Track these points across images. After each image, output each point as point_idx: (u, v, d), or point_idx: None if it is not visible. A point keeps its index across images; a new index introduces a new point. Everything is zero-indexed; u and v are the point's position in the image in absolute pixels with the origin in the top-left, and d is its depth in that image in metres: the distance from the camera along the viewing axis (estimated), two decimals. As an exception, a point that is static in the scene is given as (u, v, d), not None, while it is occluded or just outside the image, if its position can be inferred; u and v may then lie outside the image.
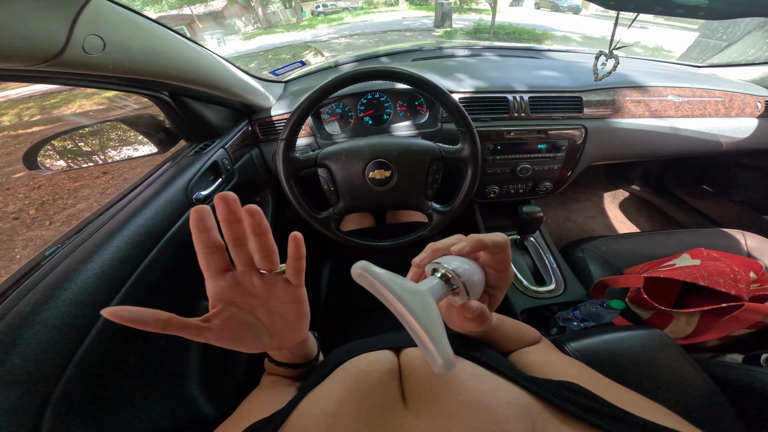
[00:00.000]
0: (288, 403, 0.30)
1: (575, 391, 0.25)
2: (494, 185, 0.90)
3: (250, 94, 0.77)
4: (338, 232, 0.66)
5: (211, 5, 21.06)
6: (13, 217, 2.48)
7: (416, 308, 0.20)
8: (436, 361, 0.19)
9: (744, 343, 0.70)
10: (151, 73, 0.49)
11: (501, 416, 0.24)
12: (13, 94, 6.35)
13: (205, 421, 0.53)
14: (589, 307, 0.69)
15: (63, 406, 0.36)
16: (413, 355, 0.35)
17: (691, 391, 0.49)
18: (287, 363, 0.39)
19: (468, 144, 0.61)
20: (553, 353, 0.39)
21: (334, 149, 0.63)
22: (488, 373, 0.29)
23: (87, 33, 0.37)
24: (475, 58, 1.10)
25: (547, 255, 0.94)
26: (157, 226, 0.54)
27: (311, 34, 11.30)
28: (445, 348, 0.19)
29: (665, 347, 0.54)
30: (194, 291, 0.64)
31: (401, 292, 0.21)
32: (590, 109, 0.86)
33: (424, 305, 0.21)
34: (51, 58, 0.35)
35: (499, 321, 0.39)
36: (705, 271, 0.68)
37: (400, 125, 0.90)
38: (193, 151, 0.69)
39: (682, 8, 0.42)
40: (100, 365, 0.41)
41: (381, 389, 0.30)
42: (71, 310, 0.39)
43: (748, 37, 1.28)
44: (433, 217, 0.65)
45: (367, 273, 0.21)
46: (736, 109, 0.93)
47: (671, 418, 0.24)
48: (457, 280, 0.25)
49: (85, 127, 0.76)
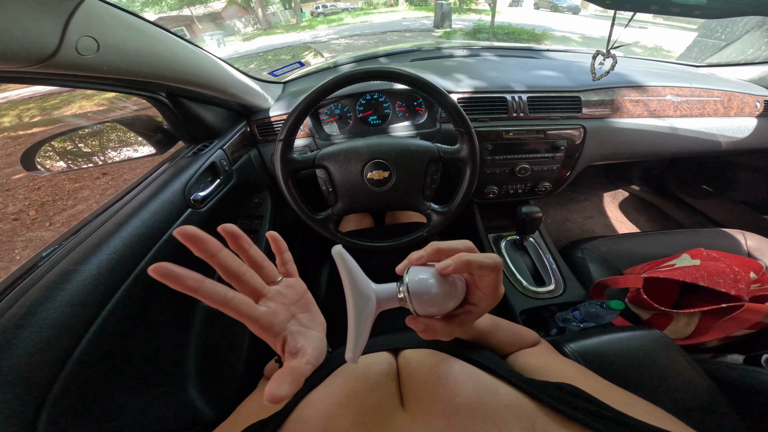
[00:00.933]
0: (285, 405, 0.30)
1: (574, 393, 0.25)
2: (493, 185, 0.90)
3: (248, 94, 0.77)
4: (337, 233, 0.65)
5: (211, 6, 21.10)
6: (13, 218, 2.48)
7: (357, 305, 0.25)
8: (346, 353, 0.26)
9: (744, 344, 0.69)
10: (147, 74, 0.49)
11: (498, 419, 0.24)
12: (13, 95, 6.35)
13: (203, 422, 0.52)
14: (588, 307, 0.68)
15: (59, 408, 0.36)
16: (411, 357, 0.35)
17: (692, 392, 0.49)
18: None
19: (466, 144, 0.61)
20: (551, 355, 0.39)
21: (332, 150, 0.62)
22: (486, 375, 0.29)
23: (80, 34, 0.36)
24: (473, 58, 1.10)
25: (546, 255, 0.94)
26: (154, 227, 0.53)
27: (311, 35, 11.31)
28: (357, 347, 0.25)
29: (665, 348, 0.54)
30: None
31: (354, 287, 0.25)
32: (589, 109, 0.85)
33: (364, 305, 0.25)
34: (44, 60, 0.35)
35: (495, 325, 0.39)
36: (705, 271, 0.67)
37: (399, 126, 0.89)
38: (191, 152, 0.69)
39: (679, 7, 0.42)
40: (97, 366, 0.41)
41: (379, 391, 0.30)
42: (68, 311, 0.39)
43: (746, 37, 1.28)
44: (432, 218, 0.65)
45: (340, 259, 0.26)
46: (735, 109, 0.93)
47: (668, 420, 0.24)
48: (404, 293, 0.26)
49: (84, 129, 0.76)
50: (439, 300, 0.26)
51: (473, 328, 0.35)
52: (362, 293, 0.26)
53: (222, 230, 0.27)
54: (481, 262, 0.24)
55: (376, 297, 0.26)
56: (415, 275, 0.26)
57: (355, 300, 0.25)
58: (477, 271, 0.25)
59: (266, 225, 0.84)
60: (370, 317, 0.26)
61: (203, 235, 0.24)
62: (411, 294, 0.25)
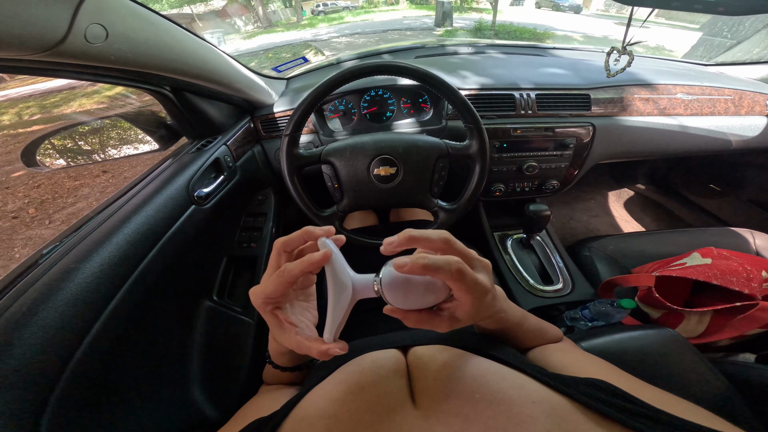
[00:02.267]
0: (286, 404, 0.28)
1: (607, 390, 0.23)
2: (500, 183, 0.89)
3: (252, 90, 0.76)
4: (342, 230, 0.64)
5: (212, 4, 21.07)
6: (12, 216, 2.47)
7: (334, 292, 0.27)
8: (324, 334, 0.27)
9: (755, 343, 0.69)
10: (154, 65, 0.48)
11: (525, 416, 0.22)
12: (13, 93, 6.34)
13: (208, 423, 0.51)
14: (598, 306, 0.67)
15: (62, 409, 0.35)
16: (422, 353, 0.33)
17: (706, 391, 0.48)
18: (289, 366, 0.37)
19: (476, 140, 0.60)
20: (578, 351, 0.37)
21: (338, 145, 0.61)
22: (508, 370, 0.27)
23: (89, 22, 0.36)
24: (478, 55, 1.09)
25: (553, 254, 0.93)
26: (158, 224, 0.52)
27: (312, 33, 11.28)
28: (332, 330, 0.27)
29: (679, 347, 0.53)
30: (196, 290, 0.63)
31: (332, 275, 0.27)
32: (598, 107, 0.84)
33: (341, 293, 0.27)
34: (52, 47, 0.34)
35: (523, 316, 0.37)
36: (717, 270, 0.66)
37: (404, 122, 0.88)
38: (195, 148, 0.68)
39: (702, 3, 0.41)
40: (100, 367, 0.40)
41: (387, 388, 0.28)
42: (69, 311, 0.38)
43: (755, 36, 1.27)
44: (439, 215, 0.64)
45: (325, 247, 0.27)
46: (745, 108, 0.92)
47: (716, 420, 0.22)
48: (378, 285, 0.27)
49: (85, 125, 0.75)
50: (414, 295, 0.26)
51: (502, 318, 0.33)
52: (340, 281, 0.27)
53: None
54: (437, 266, 0.22)
55: (353, 286, 0.27)
56: (390, 268, 0.26)
57: (333, 287, 0.27)
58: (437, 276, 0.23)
59: (270, 222, 0.83)
60: (346, 304, 0.27)
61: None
62: (383, 287, 0.26)
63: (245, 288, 0.74)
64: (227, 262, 0.74)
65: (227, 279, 0.73)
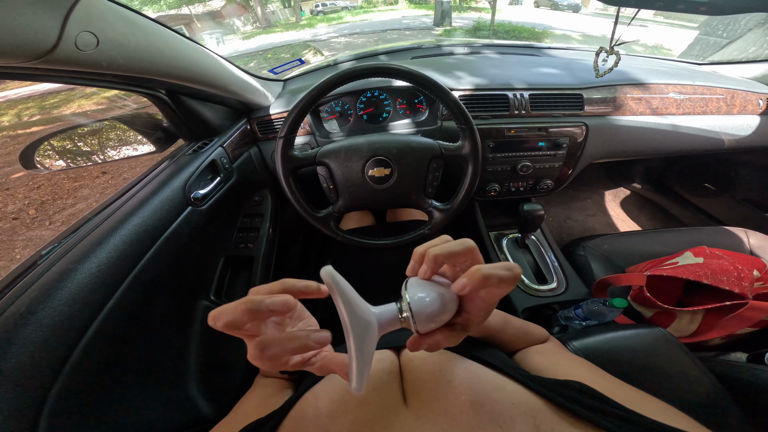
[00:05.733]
0: (284, 403, 0.29)
1: (583, 391, 0.24)
2: (495, 183, 0.90)
3: (248, 92, 0.77)
4: (338, 231, 0.65)
5: (210, 5, 21.03)
6: (12, 217, 2.48)
7: (357, 334, 0.22)
8: (351, 383, 0.22)
9: (746, 342, 0.69)
10: (147, 70, 0.48)
11: (505, 417, 0.23)
12: (12, 95, 6.34)
13: (205, 420, 0.52)
14: (591, 305, 0.68)
15: (60, 407, 0.36)
16: (414, 354, 0.34)
17: (696, 390, 0.49)
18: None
19: (468, 141, 0.60)
20: (560, 352, 0.39)
21: (333, 147, 0.62)
22: (492, 373, 0.29)
23: (80, 29, 0.36)
24: (474, 55, 1.10)
25: (548, 253, 0.94)
26: (154, 225, 0.53)
27: (310, 33, 11.27)
28: (362, 378, 0.22)
29: (669, 346, 0.54)
30: (193, 290, 0.64)
31: (351, 314, 0.22)
32: (591, 107, 0.85)
33: (365, 333, 0.22)
34: (43, 55, 0.34)
35: (505, 322, 0.38)
36: (708, 269, 0.67)
37: (400, 123, 0.89)
38: (191, 150, 0.69)
39: (684, 3, 0.41)
40: (98, 365, 0.41)
41: (381, 389, 0.29)
42: (67, 310, 0.39)
43: (749, 35, 1.27)
44: (434, 215, 0.65)
45: (332, 282, 0.23)
46: (737, 107, 0.92)
47: (682, 419, 0.23)
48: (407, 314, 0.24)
49: (84, 127, 0.75)
50: (439, 315, 0.24)
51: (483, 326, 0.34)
52: (362, 320, 0.23)
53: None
54: (500, 277, 0.21)
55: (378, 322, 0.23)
56: (414, 293, 0.24)
57: (354, 328, 0.22)
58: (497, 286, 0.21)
59: (267, 223, 0.84)
60: (373, 345, 0.23)
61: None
62: (414, 314, 0.23)
63: (242, 288, 0.75)
64: (224, 262, 0.75)
65: (224, 279, 0.73)
